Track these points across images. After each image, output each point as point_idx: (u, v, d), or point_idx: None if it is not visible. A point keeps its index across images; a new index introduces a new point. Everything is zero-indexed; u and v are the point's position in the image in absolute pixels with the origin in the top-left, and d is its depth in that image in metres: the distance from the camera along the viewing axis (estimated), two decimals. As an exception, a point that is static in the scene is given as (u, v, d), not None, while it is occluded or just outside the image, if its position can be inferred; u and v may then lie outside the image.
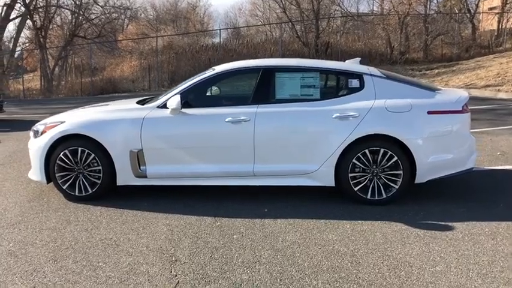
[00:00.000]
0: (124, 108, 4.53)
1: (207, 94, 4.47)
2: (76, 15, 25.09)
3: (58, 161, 4.29)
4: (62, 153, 4.27)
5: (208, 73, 4.41)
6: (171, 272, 2.91)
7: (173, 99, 4.16)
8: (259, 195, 4.38)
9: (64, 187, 4.35)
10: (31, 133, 4.58)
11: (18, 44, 27.47)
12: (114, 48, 27.71)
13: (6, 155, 6.64)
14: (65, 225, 3.77)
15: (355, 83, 4.23)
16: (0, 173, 5.58)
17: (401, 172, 4.03)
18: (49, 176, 4.38)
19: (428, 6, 22.13)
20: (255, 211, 4.01)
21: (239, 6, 54.54)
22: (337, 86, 4.38)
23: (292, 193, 4.39)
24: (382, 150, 4.02)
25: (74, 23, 24.11)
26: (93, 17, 26.08)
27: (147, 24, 42.12)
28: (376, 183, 4.09)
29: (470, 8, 23.69)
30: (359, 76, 4.25)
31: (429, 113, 4.05)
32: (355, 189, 4.10)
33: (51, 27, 25.47)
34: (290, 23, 22.29)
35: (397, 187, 4.06)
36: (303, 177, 4.18)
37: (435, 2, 24.50)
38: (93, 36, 24.51)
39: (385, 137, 4.03)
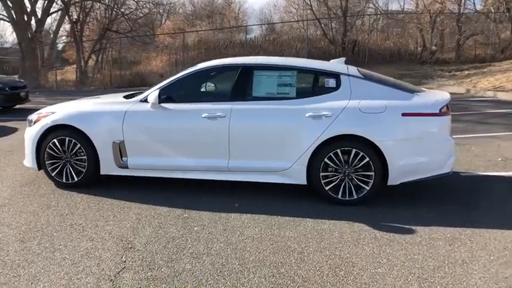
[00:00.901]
0: (110, 102, 4.74)
1: (188, 90, 4.58)
2: (110, 9, 25.89)
3: (47, 149, 4.55)
4: (51, 142, 4.52)
5: (190, 69, 4.55)
6: (121, 258, 3.06)
7: (152, 94, 4.32)
8: (234, 190, 4.47)
9: (53, 174, 4.60)
10: (27, 122, 4.86)
11: (57, 37, 28.74)
12: (146, 42, 28.39)
13: (18, 143, 7.01)
14: (44, 209, 4.01)
15: (331, 82, 4.24)
16: (6, 159, 5.95)
17: (372, 173, 4.02)
18: (40, 163, 4.64)
19: (462, 5, 21.35)
20: (226, 205, 4.11)
21: (274, 3, 54.52)
22: (313, 85, 4.40)
23: (268, 189, 4.44)
24: (353, 151, 4.02)
25: (107, 17, 24.86)
26: (127, 12, 26.84)
27: (184, 20, 43.07)
28: (348, 183, 4.09)
29: (510, 7, 22.67)
30: (336, 76, 4.25)
31: (403, 115, 4.01)
32: (327, 188, 4.12)
33: (88, 20, 26.40)
34: (317, 21, 22.11)
35: (368, 188, 4.05)
36: (276, 175, 4.24)
37: (471, 1, 23.63)
38: (126, 30, 25.19)
39: (357, 138, 4.02)
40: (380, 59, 20.64)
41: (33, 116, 4.77)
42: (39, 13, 25.64)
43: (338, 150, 4.05)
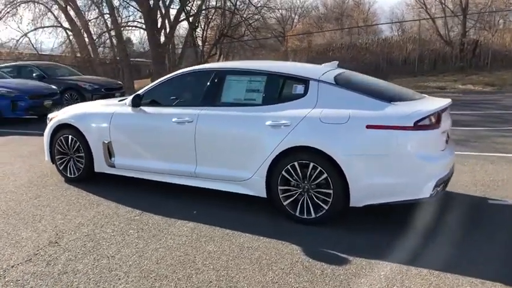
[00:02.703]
0: (105, 104, 5.06)
1: (165, 94, 4.60)
2: (231, 14, 27.28)
3: (56, 146, 5.05)
4: (58, 139, 5.01)
5: (168, 75, 4.60)
6: (37, 250, 3.26)
7: (129, 98, 4.50)
8: (203, 196, 4.38)
9: (60, 168, 5.09)
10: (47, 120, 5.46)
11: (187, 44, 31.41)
12: (262, 46, 29.18)
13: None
14: (32, 199, 4.46)
15: (299, 89, 3.88)
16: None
17: (331, 192, 3.57)
18: (52, 158, 5.18)
19: None
20: (184, 211, 4.06)
21: (406, 2, 51.33)
22: (281, 91, 4.03)
23: (237, 199, 4.23)
24: (311, 165, 3.62)
25: (223, 23, 26.28)
26: (248, 17, 27.98)
27: (313, 23, 43.51)
28: (306, 200, 3.70)
29: None
30: (305, 82, 3.88)
31: (368, 127, 3.47)
32: (285, 203, 3.79)
33: (209, 26, 28.28)
34: (432, 20, 20.13)
35: (326, 208, 3.61)
36: (239, 184, 4.04)
37: None
38: (239, 35, 26.31)
39: (315, 151, 3.61)
40: (506, 62, 17.97)
41: (51, 115, 5.34)
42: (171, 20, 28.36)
43: (296, 163, 3.69)
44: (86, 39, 26.27)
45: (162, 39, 26.97)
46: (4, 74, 11.20)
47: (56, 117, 5.13)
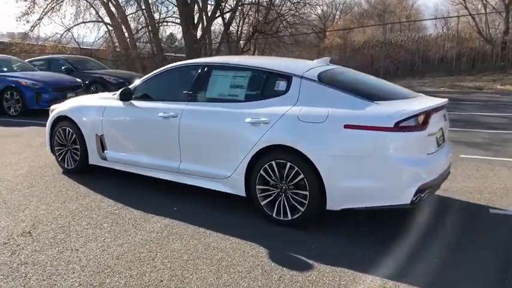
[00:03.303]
0: (101, 97, 5.09)
1: (155, 89, 4.56)
2: (266, 10, 27.12)
3: (56, 137, 5.14)
4: (57, 131, 5.11)
5: (159, 69, 4.56)
6: (7, 240, 3.30)
7: (118, 92, 4.51)
8: (189, 193, 4.31)
9: (59, 159, 5.18)
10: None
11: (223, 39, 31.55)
12: (299, 41, 28.77)
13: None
14: (24, 189, 4.55)
15: (282, 85, 3.74)
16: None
17: (307, 193, 3.41)
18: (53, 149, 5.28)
19: None
20: (166, 207, 4.01)
21: (452, -2, 49.41)
22: (264, 87, 3.86)
23: (223, 197, 4.12)
24: (288, 165, 3.48)
25: (256, 19, 26.16)
26: (283, 13, 27.71)
27: (354, 20, 42.79)
28: (283, 201, 3.56)
29: None
30: (288, 78, 3.72)
31: (346, 126, 3.28)
32: (262, 203, 3.67)
33: (244, 22, 28.25)
34: (471, 17, 19.12)
35: (303, 210, 3.46)
36: (219, 182, 3.95)
37: None
38: (273, 32, 26.10)
39: (291, 150, 3.46)
40: (553, 61, 16.83)
41: (52, 106, 5.45)
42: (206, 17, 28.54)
43: (273, 162, 3.56)
44: (126, 34, 26.89)
45: (198, 34, 27.23)
46: (34, 66, 11.63)
47: (55, 109, 5.22)
